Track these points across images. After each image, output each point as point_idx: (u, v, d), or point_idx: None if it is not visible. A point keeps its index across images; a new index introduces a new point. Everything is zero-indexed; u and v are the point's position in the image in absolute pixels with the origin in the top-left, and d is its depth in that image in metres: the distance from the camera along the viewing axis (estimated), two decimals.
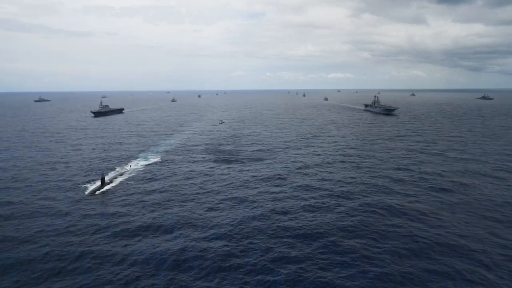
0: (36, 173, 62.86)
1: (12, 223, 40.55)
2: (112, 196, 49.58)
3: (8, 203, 47.14)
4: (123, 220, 41.11)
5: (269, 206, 45.31)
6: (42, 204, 46.46)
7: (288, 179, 57.93)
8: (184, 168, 66.29)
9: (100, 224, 39.70)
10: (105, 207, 45.19)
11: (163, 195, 50.30)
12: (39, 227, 39.06)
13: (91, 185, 54.37)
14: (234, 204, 46.34)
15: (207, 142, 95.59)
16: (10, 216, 42.53)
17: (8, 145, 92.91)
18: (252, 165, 68.56)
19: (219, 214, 42.76)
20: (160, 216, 42.34)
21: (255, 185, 55.03)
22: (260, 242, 34.70)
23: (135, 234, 37.29)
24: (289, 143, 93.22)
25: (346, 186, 53.60)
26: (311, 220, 40.28)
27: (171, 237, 36.50)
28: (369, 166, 66.11)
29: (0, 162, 72.23)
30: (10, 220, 41.23)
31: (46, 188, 53.80)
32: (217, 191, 52.25)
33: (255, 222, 40.04)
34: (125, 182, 56.45)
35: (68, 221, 40.52)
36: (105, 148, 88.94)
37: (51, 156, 78.42)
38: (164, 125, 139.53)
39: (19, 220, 41.27)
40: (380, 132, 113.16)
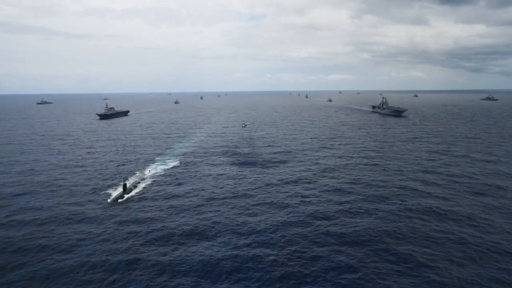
0: (56, 177, 61.39)
1: (43, 229, 39.06)
2: (139, 202, 47.97)
3: (34, 209, 45.69)
4: (158, 226, 39.66)
5: (304, 210, 43.88)
6: (69, 210, 44.96)
7: (316, 182, 56.50)
8: (207, 171, 64.83)
9: (137, 232, 38.25)
10: (136, 214, 43.68)
11: (192, 200, 48.82)
12: (74, 234, 37.57)
13: (113, 191, 52.62)
14: (268, 209, 44.88)
15: (223, 145, 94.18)
16: (39, 222, 41.04)
17: (20, 148, 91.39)
18: (275, 168, 67.13)
19: (255, 219, 41.30)
20: (195, 222, 40.89)
21: (284, 188, 53.58)
22: (307, 250, 33.21)
23: (175, 242, 35.86)
24: (306, 145, 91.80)
25: (378, 189, 52.14)
26: (353, 225, 38.82)
27: (213, 244, 35.04)
28: (395, 168, 64.66)
29: (19, 165, 70.73)
30: (40, 227, 39.73)
31: (69, 193, 52.30)
32: (247, 195, 50.82)
33: (295, 228, 38.58)
34: (148, 188, 54.50)
35: (102, 228, 39.03)
36: (120, 150, 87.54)
37: (67, 159, 76.96)
38: (174, 127, 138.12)
39: (50, 227, 39.80)
40: (395, 134, 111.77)
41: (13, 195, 51.32)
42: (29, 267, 30.87)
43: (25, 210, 45.45)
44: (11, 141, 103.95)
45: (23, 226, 40.15)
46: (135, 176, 61.38)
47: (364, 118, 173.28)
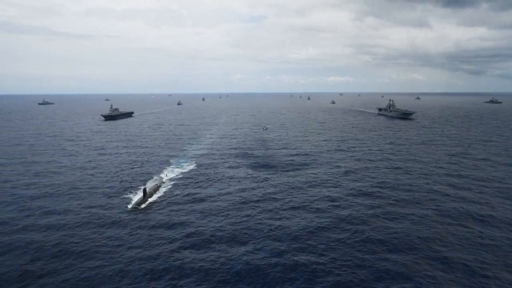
0: (72, 180, 60.04)
1: (70, 234, 37.69)
2: (163, 208, 46.43)
3: (57, 212, 44.30)
4: (188, 232, 38.41)
5: (337, 214, 42.63)
6: (93, 215, 43.53)
7: (341, 185, 55.28)
8: (226, 174, 63.51)
9: (169, 237, 37.01)
10: (163, 219, 42.34)
11: (218, 204, 47.50)
12: (104, 240, 36.20)
13: (133, 195, 50.77)
14: (299, 213, 43.61)
15: (236, 147, 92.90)
16: (65, 227, 39.66)
17: (32, 149, 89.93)
18: (296, 170, 65.88)
19: (289, 224, 40.02)
20: (226, 226, 39.61)
21: (310, 192, 52.33)
22: (352, 258, 31.92)
23: (211, 248, 34.66)
24: (321, 148, 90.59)
25: (407, 193, 50.93)
26: (392, 231, 37.57)
27: (251, 251, 33.75)
28: (419, 172, 63.51)
29: (32, 167, 69.31)
30: (67, 231, 38.35)
31: (89, 197, 50.83)
32: (273, 198, 49.53)
33: (331, 234, 37.30)
34: (170, 192, 52.57)
35: (132, 234, 37.66)
36: (132, 152, 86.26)
37: (80, 161, 75.60)
38: (183, 129, 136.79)
39: (76, 231, 38.43)
40: (409, 136, 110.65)
41: (33, 198, 49.97)
42: (66, 275, 29.57)
43: (48, 213, 44.08)
44: (21, 142, 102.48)
45: (49, 230, 38.79)
46: (153, 180, 59.57)
47: (372, 120, 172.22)
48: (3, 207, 46.18)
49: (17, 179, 60.46)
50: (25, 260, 32.22)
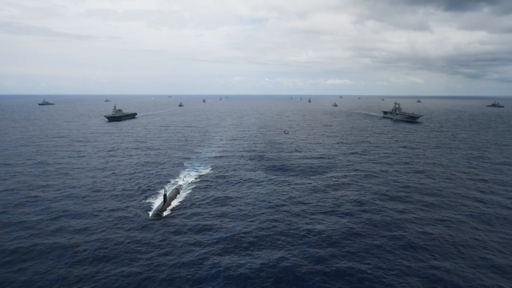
0: (88, 182, 58.69)
1: (96, 239, 36.33)
2: (187, 213, 45.07)
3: (78, 215, 42.92)
4: (217, 237, 37.16)
5: (369, 219, 41.56)
6: (115, 218, 42.22)
7: (365, 188, 54.19)
8: (245, 177, 62.26)
9: (198, 242, 35.72)
10: (187, 225, 41.06)
11: (242, 208, 46.28)
12: (131, 245, 34.85)
13: (153, 199, 49.23)
14: (328, 217, 42.45)
15: (248, 149, 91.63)
16: (90, 231, 38.28)
17: (39, 150, 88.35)
18: (315, 173, 64.72)
19: (320, 228, 38.92)
20: (257, 231, 38.40)
21: (334, 195, 51.20)
22: (398, 266, 30.67)
23: (246, 253, 33.52)
24: (335, 151, 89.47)
25: (435, 197, 49.93)
26: (431, 236, 36.46)
27: (285, 257, 32.53)
28: (441, 175, 62.63)
29: (47, 168, 67.77)
30: (92, 236, 36.95)
31: (108, 199, 49.59)
32: (299, 202, 48.38)
33: (368, 239, 36.19)
34: (190, 197, 50.64)
35: (160, 240, 36.30)
36: (142, 154, 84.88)
37: (93, 163, 74.20)
38: (190, 131, 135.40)
39: (102, 236, 37.05)
40: (420, 140, 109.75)
41: (54, 201, 48.59)
42: (105, 280, 28.27)
43: (70, 216, 42.72)
44: (29, 142, 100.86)
45: (78, 235, 37.44)
46: (171, 184, 57.62)
47: (378, 123, 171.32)
48: (27, 209, 44.78)
49: (34, 180, 59.11)
50: (63, 265, 30.95)
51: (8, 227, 39.18)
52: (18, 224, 40.16)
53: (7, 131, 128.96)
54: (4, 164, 71.50)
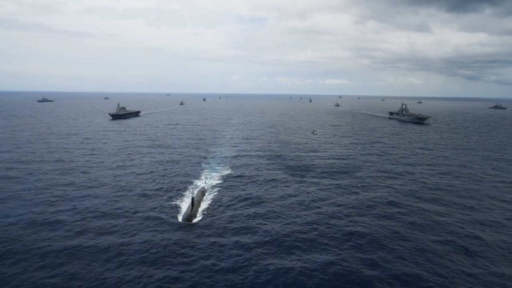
0: (106, 180, 57.07)
1: (128, 242, 34.63)
2: (219, 216, 43.23)
3: (105, 216, 41.23)
4: (257, 240, 35.84)
5: (409, 221, 40.49)
6: (142, 218, 40.84)
7: (395, 190, 52.99)
8: (268, 177, 60.84)
9: (239, 247, 34.31)
10: (222, 228, 39.53)
11: (274, 210, 44.93)
12: (169, 249, 33.21)
13: (179, 202, 47.17)
14: (368, 218, 41.16)
15: (263, 149, 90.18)
16: (120, 233, 36.64)
17: (49, 147, 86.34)
18: (338, 173, 63.51)
19: (362, 230, 37.67)
20: (294, 234, 36.99)
21: (366, 196, 50.01)
22: (460, 275, 29.22)
23: (288, 257, 31.92)
24: (352, 151, 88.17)
25: (472, 200, 48.83)
26: (487, 240, 35.00)
27: (332, 261, 31.16)
28: (469, 178, 61.50)
29: (62, 165, 65.88)
30: (124, 238, 35.26)
31: (132, 200, 47.91)
32: (332, 203, 47.04)
33: (417, 243, 34.75)
34: (217, 199, 48.33)
35: (197, 244, 34.71)
36: (156, 151, 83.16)
37: (108, 161, 72.41)
38: (199, 129, 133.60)
39: (132, 238, 35.38)
40: (435, 141, 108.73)
41: (79, 201, 46.89)
42: (153, 285, 26.63)
43: (99, 217, 41.13)
44: (38, 139, 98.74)
45: (108, 235, 35.80)
46: (194, 185, 55.02)
47: (386, 124, 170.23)
48: (54, 208, 43.06)
49: (54, 178, 57.34)
50: (102, 268, 29.39)
51: (39, 227, 37.54)
52: (49, 224, 38.58)
53: (13, 128, 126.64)
54: (21, 161, 69.59)
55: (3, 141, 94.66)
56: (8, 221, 39.09)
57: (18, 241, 34.13)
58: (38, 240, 34.50)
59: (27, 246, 33.25)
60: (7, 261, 30.48)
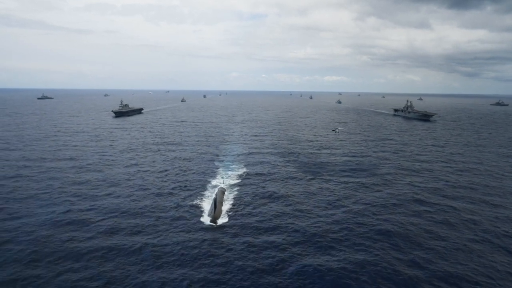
0: (121, 178, 56.20)
1: (157, 243, 33.72)
2: (245, 216, 42.19)
3: (130, 214, 40.23)
4: (291, 240, 35.08)
5: (440, 219, 39.70)
6: (165, 218, 39.98)
7: (418, 188, 52.23)
8: (285, 175, 60.22)
9: (272, 247, 33.52)
10: (252, 227, 38.66)
11: (303, 208, 44.27)
12: (203, 251, 32.32)
13: (199, 200, 45.97)
14: (395, 215, 40.49)
15: (274, 146, 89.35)
16: (141, 232, 35.65)
17: (57, 144, 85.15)
18: (356, 171, 62.81)
19: (397, 229, 37.01)
20: (328, 232, 36.21)
21: (390, 193, 49.28)
22: (502, 276, 28.46)
23: (327, 256, 30.96)
24: (363, 148, 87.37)
25: (499, 197, 47.97)
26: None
27: (370, 261, 30.27)
28: (492, 175, 60.82)
29: (77, 163, 64.81)
30: (151, 240, 34.33)
31: (152, 199, 46.96)
32: (356, 200, 46.38)
33: (457, 243, 33.94)
34: (239, 199, 47.04)
35: (227, 245, 33.82)
36: (166, 148, 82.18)
37: (120, 159, 71.44)
38: (206, 126, 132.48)
39: (160, 239, 34.47)
40: (445, 138, 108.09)
41: (99, 200, 45.94)
42: None
43: (122, 216, 40.21)
44: (46, 137, 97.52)
45: (134, 236, 34.90)
46: (212, 185, 53.57)
47: (392, 121, 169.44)
48: (75, 206, 42.12)
49: (67, 176, 56.40)
50: (143, 268, 28.45)
51: (65, 227, 36.67)
52: (75, 224, 37.76)
53: (18, 125, 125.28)
54: (32, 159, 68.53)
55: (11, 138, 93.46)
56: (32, 221, 38.14)
57: (47, 243, 33.22)
58: (66, 241, 33.61)
59: (56, 247, 32.36)
60: (38, 263, 29.54)
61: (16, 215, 39.65)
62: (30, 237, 34.25)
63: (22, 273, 28.05)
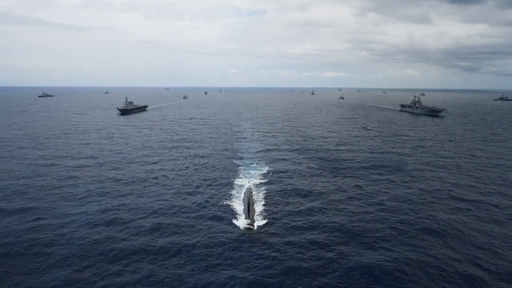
0: (143, 176, 54.80)
1: (202, 245, 32.57)
2: (285, 218, 40.34)
3: (162, 214, 39.03)
4: (344, 240, 33.70)
5: (482, 215, 38.40)
6: (202, 219, 38.65)
7: (452, 184, 51.15)
8: (310, 173, 59.20)
9: (322, 248, 32.17)
10: (297, 227, 37.54)
11: (343, 207, 43.01)
12: (245, 256, 31.19)
13: (228, 201, 44.31)
14: (439, 213, 39.22)
15: (288, 143, 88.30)
16: (175, 234, 34.49)
17: (70, 142, 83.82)
18: (381, 168, 61.71)
19: (438, 227, 35.75)
20: (371, 231, 35.09)
21: (422, 190, 48.37)
22: None
23: (389, 257, 29.80)
24: (378, 144, 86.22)
25: None
26: None
27: (421, 258, 29.07)
28: None
29: (96, 160, 63.56)
30: (179, 237, 33.13)
31: (181, 201, 45.68)
32: (391, 197, 45.04)
33: None
34: (270, 197, 45.51)
35: (281, 253, 32.67)
36: (180, 145, 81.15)
37: (136, 157, 70.16)
38: (216, 124, 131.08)
39: (197, 239, 33.31)
40: (460, 133, 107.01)
41: (127, 198, 44.63)
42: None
43: (153, 216, 38.94)
44: (57, 135, 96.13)
45: (168, 237, 33.66)
46: (237, 184, 51.87)
47: (401, 117, 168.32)
48: (104, 205, 40.88)
49: (89, 175, 55.08)
50: (191, 270, 27.34)
51: (101, 227, 35.53)
52: (109, 224, 36.61)
53: (26, 124, 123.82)
54: (56, 158, 67.21)
55: (23, 137, 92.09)
56: (67, 222, 37.02)
57: (90, 244, 32.13)
58: (108, 241, 32.52)
59: (101, 249, 31.26)
60: (86, 267, 28.37)
61: (50, 216, 38.49)
62: (71, 238, 33.15)
63: (70, 277, 26.92)
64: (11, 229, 35.20)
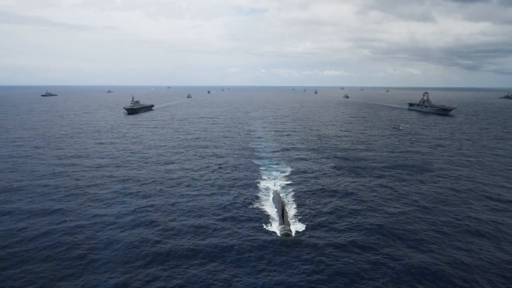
0: (162, 175, 53.76)
1: (241, 255, 31.48)
2: (324, 222, 38.94)
3: (191, 216, 37.91)
4: (384, 237, 32.54)
5: None
6: (242, 228, 37.33)
7: (484, 184, 49.72)
8: (335, 173, 58.16)
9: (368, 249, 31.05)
10: (339, 229, 36.40)
11: (377, 206, 41.72)
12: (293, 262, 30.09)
13: (257, 203, 42.81)
14: (481, 214, 38.02)
15: (304, 142, 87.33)
16: (207, 237, 33.40)
17: (83, 141, 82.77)
18: (405, 168, 60.61)
19: (482, 228, 34.48)
20: (416, 231, 33.96)
21: (454, 189, 47.25)
22: None
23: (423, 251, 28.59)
24: (395, 143, 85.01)
25: None
26: None
27: (469, 261, 27.93)
28: None
29: (113, 161, 62.45)
30: (213, 238, 32.04)
31: (209, 201, 44.66)
32: (421, 197, 43.94)
33: None
34: (302, 199, 44.22)
35: (326, 256, 31.50)
36: (195, 144, 79.90)
37: (153, 159, 69.05)
38: (225, 123, 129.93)
39: (234, 241, 32.22)
40: (476, 132, 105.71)
41: (156, 199, 43.51)
42: None
43: (187, 218, 38.01)
44: (69, 136, 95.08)
45: (199, 240, 32.58)
46: (265, 189, 49.34)
47: (411, 116, 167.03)
48: (133, 206, 39.91)
49: (110, 175, 54.02)
50: (231, 274, 26.26)
51: (136, 229, 34.34)
52: (143, 225, 35.51)
53: (36, 124, 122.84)
54: (73, 157, 66.29)
55: (36, 137, 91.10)
56: (101, 224, 35.97)
57: (121, 247, 31.00)
58: (140, 244, 31.52)
59: (132, 251, 30.24)
60: (122, 269, 27.26)
61: (80, 218, 37.48)
62: (107, 242, 32.12)
63: (117, 280, 25.87)
64: (41, 231, 34.13)
